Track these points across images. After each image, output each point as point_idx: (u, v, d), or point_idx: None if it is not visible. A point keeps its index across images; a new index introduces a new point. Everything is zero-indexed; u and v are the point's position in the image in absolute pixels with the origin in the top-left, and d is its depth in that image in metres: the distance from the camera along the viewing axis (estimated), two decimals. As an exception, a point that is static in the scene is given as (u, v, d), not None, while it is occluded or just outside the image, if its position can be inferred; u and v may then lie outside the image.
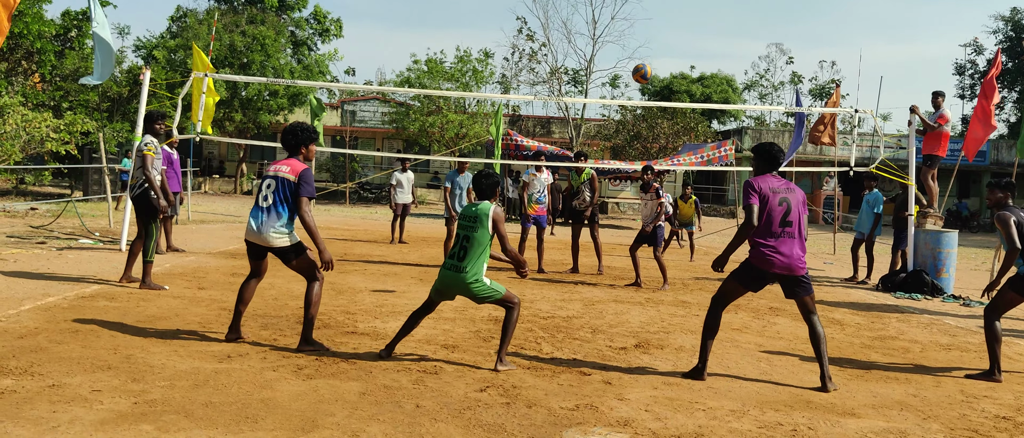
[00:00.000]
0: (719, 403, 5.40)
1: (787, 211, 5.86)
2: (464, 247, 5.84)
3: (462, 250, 5.85)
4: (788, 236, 5.86)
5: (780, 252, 5.83)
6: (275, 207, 6.18)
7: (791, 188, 5.98)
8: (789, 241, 5.86)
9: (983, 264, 17.58)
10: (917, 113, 13.13)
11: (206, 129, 13.67)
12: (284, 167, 6.25)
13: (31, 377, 5.10)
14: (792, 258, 5.84)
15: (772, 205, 5.86)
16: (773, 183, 5.96)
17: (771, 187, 5.91)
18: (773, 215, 5.85)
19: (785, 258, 5.82)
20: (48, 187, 28.29)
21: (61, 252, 11.50)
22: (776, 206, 5.86)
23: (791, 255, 5.85)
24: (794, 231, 5.88)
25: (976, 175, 41.54)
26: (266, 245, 6.24)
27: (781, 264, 5.82)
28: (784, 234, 5.85)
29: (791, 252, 5.85)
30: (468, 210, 5.96)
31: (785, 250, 5.83)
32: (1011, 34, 47.86)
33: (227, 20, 35.05)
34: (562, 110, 43.15)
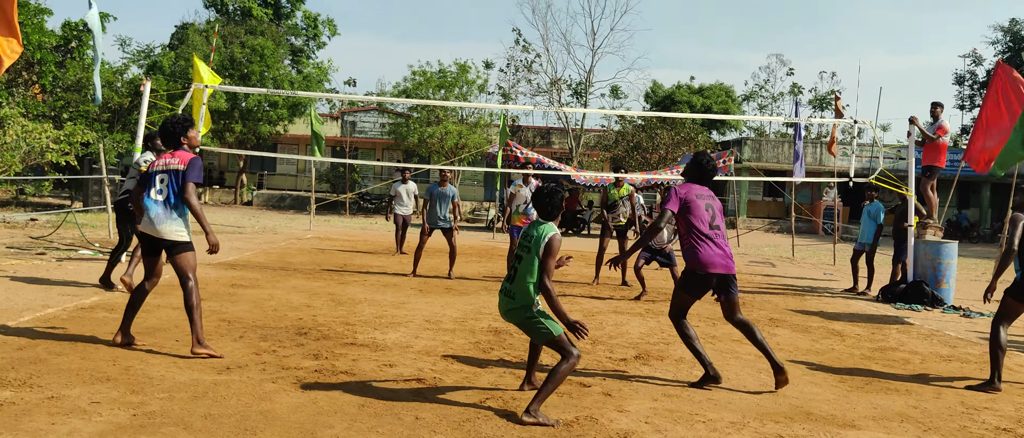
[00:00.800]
0: (719, 415, 5.39)
1: (713, 216, 6.16)
2: (515, 268, 5.27)
3: (513, 271, 5.29)
4: (721, 237, 6.16)
5: (721, 251, 6.12)
6: (169, 200, 6.30)
7: (713, 195, 6.35)
8: (723, 242, 6.17)
9: (983, 274, 17.57)
10: (916, 124, 13.15)
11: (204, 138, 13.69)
12: (173, 159, 6.36)
13: (30, 389, 5.09)
14: (728, 257, 6.15)
15: (700, 209, 6.12)
16: (698, 189, 6.24)
17: (696, 193, 6.19)
18: (703, 218, 6.11)
19: (724, 257, 6.10)
20: (48, 198, 28.30)
21: (61, 263, 11.49)
22: (704, 211, 6.13)
23: (727, 254, 6.15)
24: (722, 234, 6.20)
25: (976, 186, 41.57)
26: (160, 237, 6.32)
27: (722, 264, 6.07)
28: (717, 235, 6.14)
29: (726, 251, 6.16)
30: (530, 229, 5.30)
31: (723, 250, 6.13)
32: (1010, 44, 47.98)
33: (227, 31, 35.14)
34: (562, 121, 43.23)
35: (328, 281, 11.17)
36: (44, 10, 22.99)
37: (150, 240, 6.38)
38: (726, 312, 6.22)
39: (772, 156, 40.29)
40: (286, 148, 41.22)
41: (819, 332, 9.05)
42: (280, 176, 42.82)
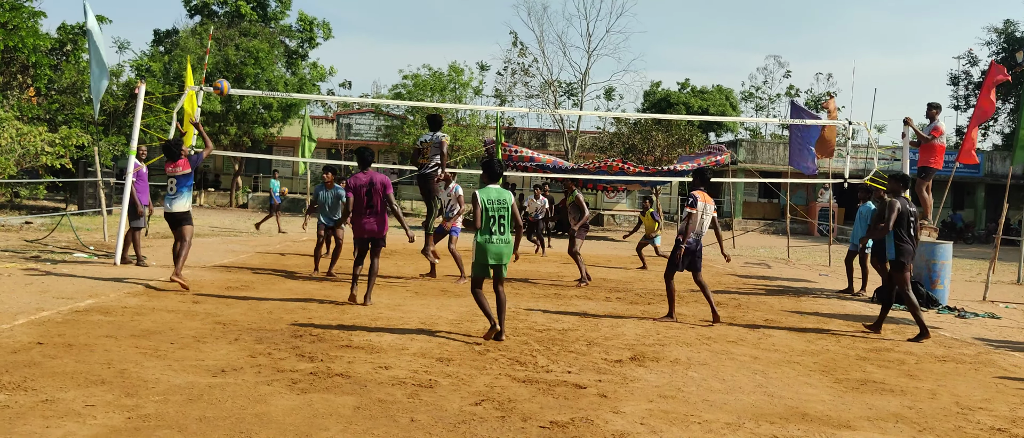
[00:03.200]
0: (715, 416, 5.40)
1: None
2: (502, 225, 7.32)
3: (501, 227, 7.33)
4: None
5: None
6: (180, 191, 10.51)
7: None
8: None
9: (978, 275, 17.61)
10: (911, 125, 13.18)
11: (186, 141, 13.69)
12: (178, 167, 10.42)
13: (24, 392, 5.08)
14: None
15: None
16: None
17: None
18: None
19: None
20: (43, 201, 28.23)
21: (55, 266, 11.47)
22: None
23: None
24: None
25: (971, 187, 41.66)
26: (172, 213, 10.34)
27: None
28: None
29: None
30: (497, 193, 7.37)
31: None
32: (1004, 46, 48.12)
33: (220, 34, 35.08)
34: (557, 122, 43.25)
35: (323, 283, 11.16)
36: (38, 13, 22.93)
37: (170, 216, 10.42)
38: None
39: (767, 158, 40.33)
40: (281, 150, 41.16)
41: (814, 333, 9.06)
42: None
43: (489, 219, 7.31)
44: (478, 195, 7.30)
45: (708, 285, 9.50)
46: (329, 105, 46.60)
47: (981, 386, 6.76)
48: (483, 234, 7.34)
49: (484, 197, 7.33)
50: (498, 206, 7.33)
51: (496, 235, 7.33)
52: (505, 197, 7.40)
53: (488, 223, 7.31)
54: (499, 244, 7.33)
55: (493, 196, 7.36)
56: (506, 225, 7.35)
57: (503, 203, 7.37)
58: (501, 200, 7.36)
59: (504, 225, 7.33)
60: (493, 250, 7.33)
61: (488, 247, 7.32)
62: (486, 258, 7.33)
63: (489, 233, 7.32)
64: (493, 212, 7.31)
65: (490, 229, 7.31)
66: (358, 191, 9.29)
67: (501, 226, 7.31)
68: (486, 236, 7.33)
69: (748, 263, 18.98)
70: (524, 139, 43.61)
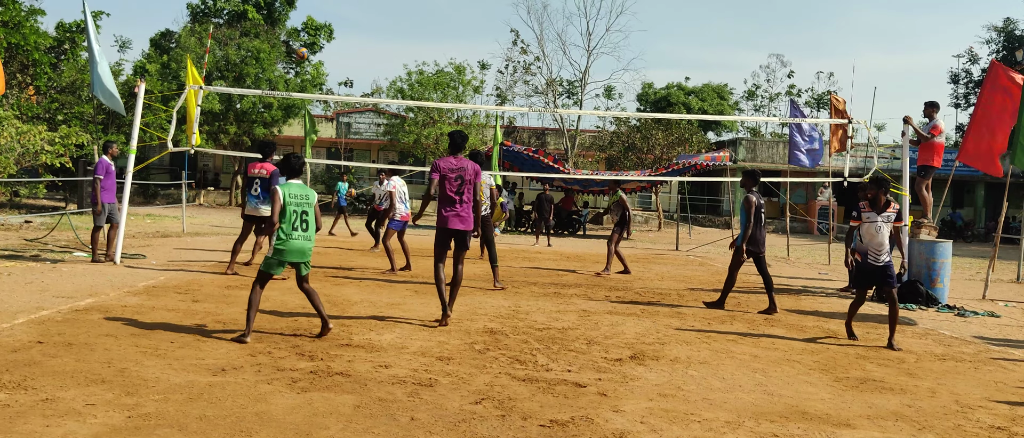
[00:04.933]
0: (714, 414, 5.40)
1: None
2: (306, 221, 7.10)
3: (305, 224, 7.10)
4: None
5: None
6: (263, 194, 11.16)
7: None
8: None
9: (977, 274, 17.61)
10: (911, 123, 13.18)
11: (192, 141, 13.70)
12: (264, 170, 11.22)
13: (24, 391, 5.08)
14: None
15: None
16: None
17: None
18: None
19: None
20: (42, 200, 28.23)
21: (55, 265, 11.47)
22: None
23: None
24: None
25: (970, 185, 41.67)
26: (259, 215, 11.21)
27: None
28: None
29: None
30: (299, 189, 7.14)
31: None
32: (1005, 44, 48.11)
33: (221, 33, 35.07)
34: (557, 121, 43.26)
35: (323, 282, 11.16)
36: (37, 11, 22.92)
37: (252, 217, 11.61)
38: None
39: (767, 156, 40.34)
40: (281, 150, 41.15)
41: (814, 331, 9.07)
42: (275, 178, 42.73)
43: (291, 215, 7.03)
44: (279, 190, 7.02)
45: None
46: (329, 104, 46.54)
47: (981, 384, 6.76)
48: (284, 231, 7.04)
49: (286, 192, 7.04)
50: (300, 201, 7.07)
51: (297, 233, 7.04)
52: (308, 193, 7.15)
53: (291, 219, 7.04)
54: (300, 241, 7.06)
55: (295, 191, 7.08)
56: (309, 222, 7.10)
57: (306, 199, 7.11)
58: (305, 196, 7.11)
59: (308, 222, 7.08)
60: (296, 247, 7.04)
61: (291, 244, 7.02)
62: (285, 256, 7.04)
63: (291, 229, 7.04)
64: (295, 207, 7.04)
65: (293, 225, 7.04)
66: (447, 176, 8.16)
67: (304, 223, 7.07)
68: (287, 233, 7.04)
69: (748, 261, 18.96)
70: (524, 138, 43.63)
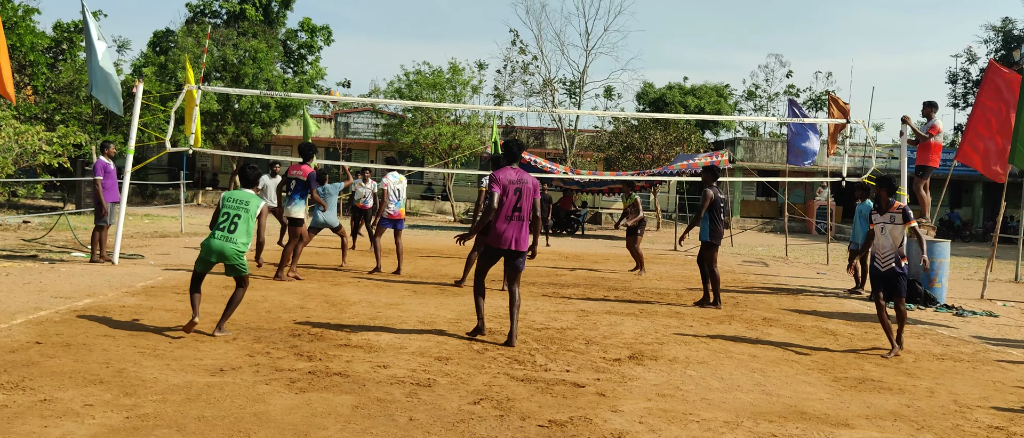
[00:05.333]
0: (713, 414, 5.40)
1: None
2: (235, 223, 7.22)
3: (233, 225, 7.21)
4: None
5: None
6: (295, 197, 11.41)
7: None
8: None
9: (976, 273, 17.62)
10: (909, 123, 13.19)
11: (195, 142, 13.70)
12: (301, 172, 11.43)
13: (23, 391, 5.07)
14: None
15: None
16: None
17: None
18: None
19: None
20: (40, 200, 28.20)
21: (53, 265, 11.46)
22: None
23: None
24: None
25: (968, 185, 41.68)
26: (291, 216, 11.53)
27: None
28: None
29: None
30: (242, 195, 7.37)
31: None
32: (1003, 43, 48.15)
33: (218, 33, 35.05)
34: (556, 121, 43.25)
35: (322, 282, 11.15)
36: (32, 10, 22.87)
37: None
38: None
39: (765, 156, 40.35)
40: (279, 150, 41.13)
41: (813, 331, 9.07)
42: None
43: (221, 216, 7.24)
44: (223, 194, 7.40)
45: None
46: (327, 104, 46.51)
47: (979, 384, 6.76)
48: (211, 230, 7.27)
49: (226, 196, 7.35)
50: (235, 205, 7.26)
51: (219, 232, 7.19)
52: (249, 200, 7.32)
53: (218, 220, 7.25)
54: (219, 241, 7.15)
55: (236, 196, 7.33)
56: (239, 224, 7.18)
57: (243, 205, 7.27)
58: (243, 201, 7.29)
59: (238, 224, 7.19)
60: (213, 246, 7.14)
61: (209, 242, 7.17)
62: (204, 253, 7.23)
63: (215, 229, 7.24)
64: (228, 210, 7.25)
65: (218, 225, 7.23)
66: (507, 190, 7.36)
67: (234, 224, 7.18)
68: (211, 232, 7.26)
69: (746, 261, 18.99)
70: (522, 138, 43.62)
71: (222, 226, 7.21)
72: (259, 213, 7.35)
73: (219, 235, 7.19)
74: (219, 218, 7.26)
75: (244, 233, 7.22)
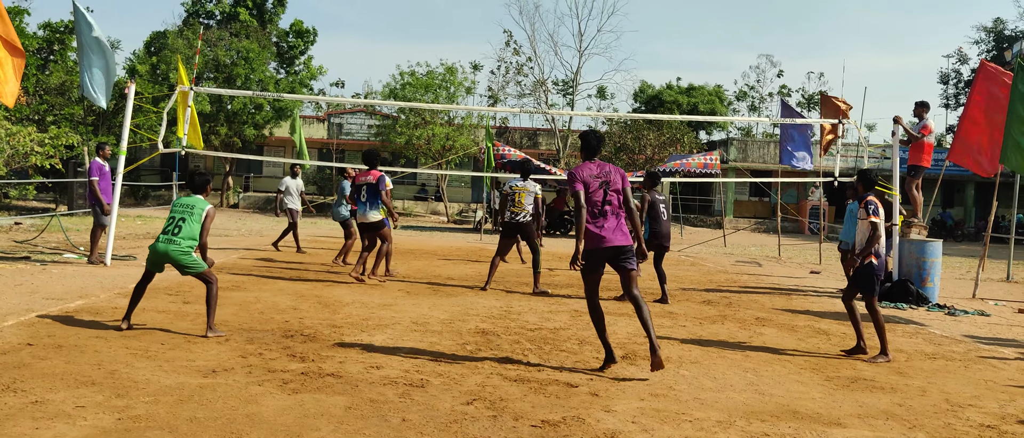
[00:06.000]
0: (706, 414, 5.41)
1: None
2: (179, 226, 7.27)
3: (177, 228, 7.26)
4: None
5: None
6: (370, 200, 11.14)
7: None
8: None
9: (968, 273, 17.69)
10: (900, 123, 13.23)
11: (196, 144, 13.68)
12: (370, 177, 11.13)
13: (14, 393, 5.05)
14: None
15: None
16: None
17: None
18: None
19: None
20: (32, 202, 28.11)
21: (45, 267, 11.42)
22: None
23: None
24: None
25: (960, 185, 41.85)
26: (367, 222, 11.26)
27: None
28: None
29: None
30: (188, 200, 7.47)
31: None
32: (994, 43, 48.33)
33: (211, 34, 34.98)
34: (549, 122, 43.28)
35: (314, 283, 11.14)
36: (22, 11, 22.79)
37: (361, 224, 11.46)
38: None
39: (758, 156, 40.44)
40: (272, 151, 41.07)
41: (805, 331, 9.09)
42: (266, 178, 42.66)
43: (168, 221, 7.40)
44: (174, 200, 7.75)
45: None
46: (320, 105, 46.47)
47: (971, 383, 6.79)
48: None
49: (174, 201, 7.58)
50: (181, 209, 7.38)
51: (163, 236, 7.28)
52: (195, 203, 7.42)
53: (166, 223, 7.39)
54: (163, 244, 7.22)
55: (182, 201, 7.46)
56: (182, 227, 7.25)
57: (187, 207, 7.37)
58: (188, 205, 7.40)
59: (181, 227, 7.25)
60: (158, 249, 7.23)
61: (155, 246, 7.28)
62: (152, 256, 7.34)
63: (161, 233, 7.36)
64: (173, 214, 7.39)
65: (164, 229, 7.35)
66: (589, 185, 6.50)
67: (178, 227, 7.26)
68: (157, 237, 7.39)
69: (739, 261, 19.02)
70: (515, 139, 43.63)
71: (167, 230, 7.30)
72: (204, 216, 7.36)
73: (163, 238, 7.25)
74: (166, 223, 7.37)
75: (188, 236, 7.24)
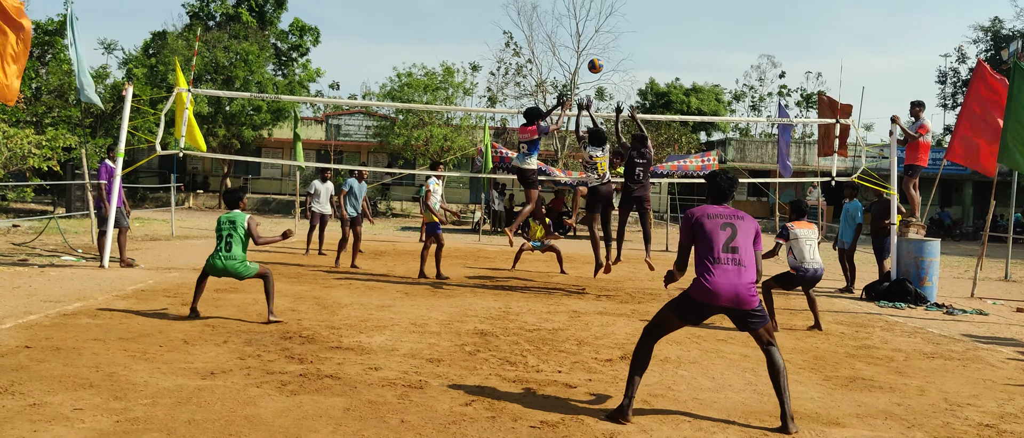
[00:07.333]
0: (705, 414, 5.41)
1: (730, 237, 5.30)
2: (229, 244, 7.95)
3: (228, 246, 7.95)
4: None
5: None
6: (530, 152, 11.61)
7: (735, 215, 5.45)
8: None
9: (966, 272, 17.69)
10: (898, 123, 13.24)
11: (198, 145, 13.66)
12: (528, 133, 11.58)
13: (12, 396, 5.05)
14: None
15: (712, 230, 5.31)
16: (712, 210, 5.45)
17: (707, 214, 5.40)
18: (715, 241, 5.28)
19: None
20: (30, 204, 28.08)
21: (43, 269, 11.41)
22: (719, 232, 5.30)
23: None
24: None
25: (958, 184, 41.87)
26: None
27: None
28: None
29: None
30: (228, 216, 8.07)
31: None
32: (992, 42, 48.36)
33: (210, 36, 34.97)
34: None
35: (313, 285, 11.13)
36: None
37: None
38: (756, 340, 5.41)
39: (756, 156, 40.46)
40: (270, 152, 41.04)
41: (803, 330, 9.09)
42: (265, 180, 42.66)
43: (218, 238, 8.05)
44: (218, 218, 8.18)
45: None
46: (318, 106, 46.45)
47: (969, 382, 6.79)
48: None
49: (219, 219, 8.10)
50: (226, 226, 8.01)
51: (218, 254, 7.97)
52: (235, 219, 8.01)
53: (217, 242, 8.05)
54: (220, 262, 7.94)
55: (225, 218, 8.07)
56: (232, 244, 7.93)
57: (230, 224, 7.99)
58: (230, 221, 8.01)
59: (231, 243, 7.94)
60: (216, 266, 7.97)
61: (212, 263, 8.00)
62: (209, 271, 8.07)
63: (215, 252, 8.04)
64: (221, 231, 8.04)
65: (216, 247, 8.04)
66: (702, 226, 5.37)
67: (228, 244, 7.95)
68: (212, 252, 8.09)
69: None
70: (514, 139, 43.59)
71: (219, 248, 8.00)
72: (247, 225, 8.02)
73: (219, 257, 7.96)
74: (217, 240, 8.05)
75: (239, 248, 7.96)
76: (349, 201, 14.24)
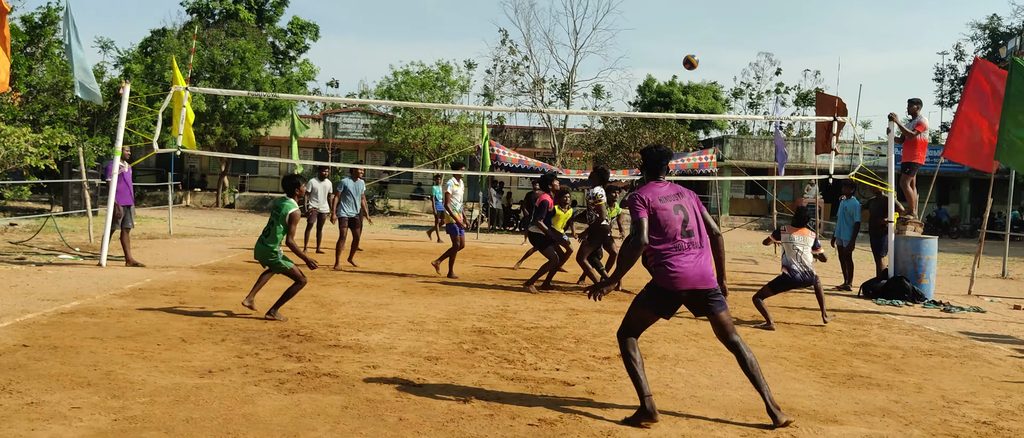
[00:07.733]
0: (702, 412, 5.41)
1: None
2: (269, 228, 8.20)
3: (268, 230, 8.22)
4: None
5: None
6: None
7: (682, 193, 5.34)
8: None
9: (963, 269, 17.71)
10: (895, 121, 13.25)
11: (188, 144, 13.63)
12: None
13: (9, 395, 5.04)
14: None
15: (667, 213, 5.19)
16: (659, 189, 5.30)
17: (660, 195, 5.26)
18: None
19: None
20: (27, 202, 28.04)
21: (40, 268, 11.39)
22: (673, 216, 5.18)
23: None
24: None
25: (956, 181, 41.90)
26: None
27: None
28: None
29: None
30: (278, 200, 8.31)
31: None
32: (989, 41, 48.41)
33: (207, 34, 34.92)
34: (545, 121, 43.27)
35: (311, 283, 11.11)
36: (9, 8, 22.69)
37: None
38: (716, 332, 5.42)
39: (754, 154, 40.47)
40: (267, 150, 41.00)
41: (801, 328, 9.10)
42: (262, 178, 42.62)
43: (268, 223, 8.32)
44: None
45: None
46: (316, 104, 46.42)
47: (967, 380, 6.80)
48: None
49: (274, 201, 8.60)
50: (273, 211, 8.29)
51: (261, 238, 8.31)
52: (282, 205, 8.26)
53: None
54: (258, 242, 8.30)
55: (276, 202, 8.34)
56: (270, 229, 8.19)
57: (276, 209, 8.26)
58: (277, 206, 8.28)
59: (269, 229, 8.21)
60: (256, 246, 8.34)
61: (256, 246, 8.34)
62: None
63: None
64: (271, 214, 8.31)
65: (264, 229, 8.34)
66: (657, 211, 5.21)
67: (268, 229, 8.24)
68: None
69: (735, 259, 19.04)
70: (511, 137, 43.61)
71: (263, 232, 8.28)
72: (288, 217, 8.13)
73: (260, 240, 8.28)
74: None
75: (274, 236, 8.18)
76: (345, 201, 14.20)
